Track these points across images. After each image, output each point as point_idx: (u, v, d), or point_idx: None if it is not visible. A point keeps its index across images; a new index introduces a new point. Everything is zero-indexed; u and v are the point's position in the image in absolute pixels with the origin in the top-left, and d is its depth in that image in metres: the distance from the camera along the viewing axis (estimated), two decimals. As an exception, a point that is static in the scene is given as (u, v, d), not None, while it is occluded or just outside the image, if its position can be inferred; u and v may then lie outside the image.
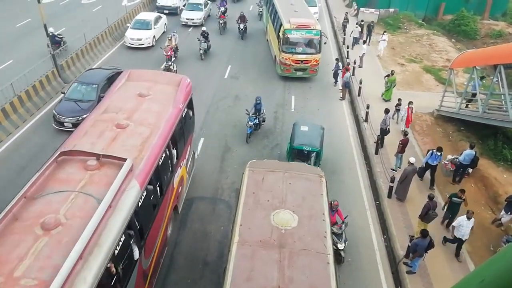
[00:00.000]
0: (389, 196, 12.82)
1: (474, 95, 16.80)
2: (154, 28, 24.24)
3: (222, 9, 27.12)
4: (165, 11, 28.91)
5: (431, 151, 13.22)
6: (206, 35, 22.51)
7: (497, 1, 33.15)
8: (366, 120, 16.86)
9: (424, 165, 13.42)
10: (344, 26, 27.13)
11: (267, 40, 25.14)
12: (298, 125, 13.80)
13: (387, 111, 15.12)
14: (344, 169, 14.44)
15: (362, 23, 25.91)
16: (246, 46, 25.32)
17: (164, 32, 25.70)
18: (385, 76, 18.99)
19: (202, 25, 26.53)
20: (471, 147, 13.43)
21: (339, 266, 10.15)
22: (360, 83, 19.09)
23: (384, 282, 10.39)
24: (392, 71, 18.85)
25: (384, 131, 15.04)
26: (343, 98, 19.25)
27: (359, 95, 18.95)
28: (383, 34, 24.09)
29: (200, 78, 19.90)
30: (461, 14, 30.14)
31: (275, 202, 8.54)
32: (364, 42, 24.35)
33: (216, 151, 15.10)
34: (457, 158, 13.63)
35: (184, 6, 29.64)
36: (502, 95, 15.26)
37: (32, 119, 16.40)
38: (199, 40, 22.49)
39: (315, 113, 17.33)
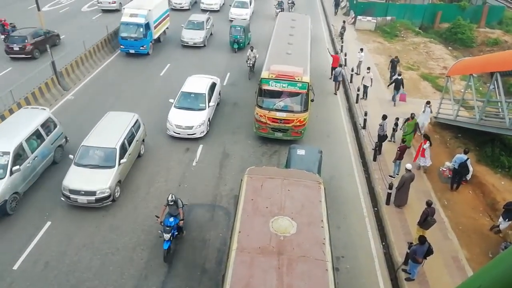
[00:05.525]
0: (388, 202, 12.84)
1: None
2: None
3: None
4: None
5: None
6: None
7: (493, 9, 33.59)
8: (364, 127, 16.94)
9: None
10: (341, 34, 27.35)
11: None
12: (294, 149, 12.93)
13: (384, 117, 15.20)
14: (343, 175, 14.48)
15: (369, 72, 19.21)
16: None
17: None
18: (405, 121, 15.59)
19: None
20: (465, 152, 13.49)
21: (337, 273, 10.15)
22: (358, 90, 19.20)
23: (383, 289, 10.38)
24: (412, 114, 15.45)
25: (382, 138, 15.13)
26: (335, 92, 20.49)
27: (357, 102, 19.07)
28: (426, 104, 16.78)
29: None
30: (457, 22, 30.41)
31: (273, 208, 8.55)
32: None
33: (214, 158, 15.16)
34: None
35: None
36: (499, 102, 15.37)
37: (31, 126, 16.39)
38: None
39: (313, 120, 17.39)
